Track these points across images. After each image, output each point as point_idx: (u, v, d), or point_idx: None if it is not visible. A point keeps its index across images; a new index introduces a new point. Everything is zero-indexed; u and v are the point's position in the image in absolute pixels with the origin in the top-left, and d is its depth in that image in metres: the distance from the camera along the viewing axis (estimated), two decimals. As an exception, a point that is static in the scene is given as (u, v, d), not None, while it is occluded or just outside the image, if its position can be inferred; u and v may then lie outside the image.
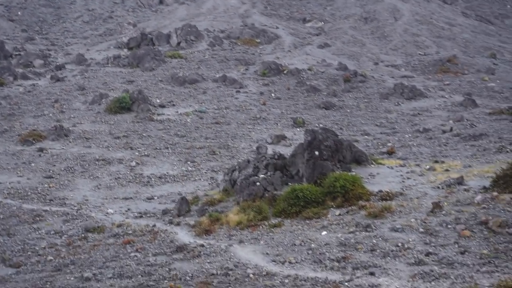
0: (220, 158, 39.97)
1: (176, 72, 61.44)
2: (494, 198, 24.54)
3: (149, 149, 42.14)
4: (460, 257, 19.92)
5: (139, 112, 50.40)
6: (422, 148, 39.43)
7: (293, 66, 62.53)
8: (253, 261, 21.43)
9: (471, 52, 70.75)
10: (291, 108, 53.11)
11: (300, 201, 26.82)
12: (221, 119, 49.64)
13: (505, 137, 38.94)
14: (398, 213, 24.85)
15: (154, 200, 32.82)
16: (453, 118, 47.24)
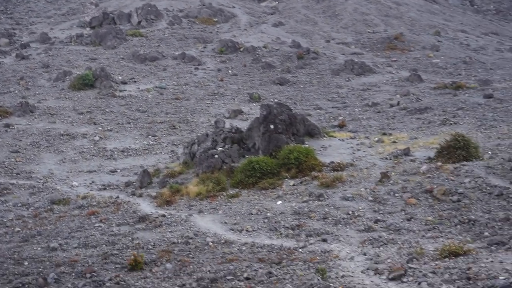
0: (180, 132, 39.80)
1: (137, 50, 60.88)
2: (438, 168, 24.81)
3: (112, 124, 41.79)
4: (406, 223, 20.14)
5: (101, 89, 49.89)
6: (371, 121, 39.63)
7: (249, 44, 62.27)
8: (212, 230, 21.46)
9: (417, 30, 71.01)
10: (247, 84, 52.97)
11: (256, 173, 26.87)
12: (180, 95, 49.35)
13: (449, 110, 39.31)
14: (348, 183, 25.02)
15: (117, 173, 32.64)
16: (400, 93, 47.49)
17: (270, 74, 55.60)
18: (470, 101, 41.93)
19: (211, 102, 47.55)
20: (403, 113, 40.88)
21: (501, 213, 19.72)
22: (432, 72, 55.17)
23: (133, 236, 21.32)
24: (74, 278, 17.02)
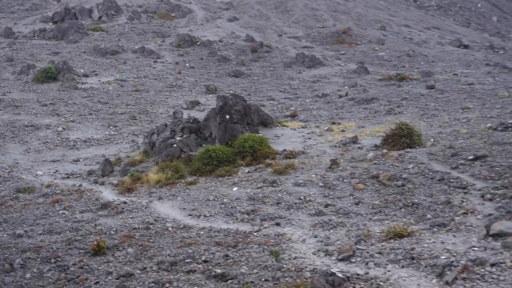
0: (140, 123, 39.59)
1: (98, 44, 60.36)
2: (384, 155, 25.06)
3: (75, 115, 41.41)
4: (355, 207, 20.32)
5: (64, 81, 49.39)
6: (321, 111, 39.80)
7: (205, 38, 62.15)
8: (172, 216, 21.43)
9: (364, 25, 71.46)
10: (204, 77, 52.86)
11: (213, 161, 26.87)
12: (140, 87, 49.07)
13: (393, 101, 39.64)
14: (300, 169, 25.14)
15: (80, 162, 32.36)
16: (348, 84, 47.75)
17: (226, 67, 55.58)
18: (413, 91, 42.30)
19: (169, 94, 47.38)
20: (351, 103, 41.14)
21: (442, 197, 19.99)
22: (378, 65, 55.58)
23: (95, 222, 21.20)
24: (39, 263, 16.89)
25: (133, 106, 43.77)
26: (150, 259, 16.65)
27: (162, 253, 17.15)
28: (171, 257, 16.59)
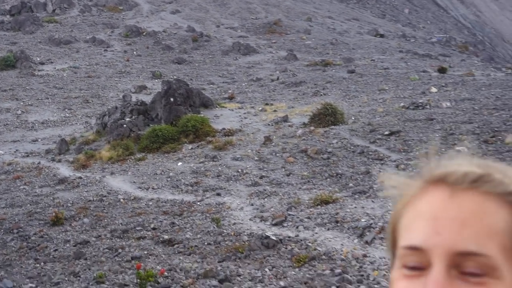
0: (93, 106, 39.03)
1: (52, 34, 59.15)
2: (311, 132, 25.24)
3: (32, 99, 40.60)
4: (286, 178, 20.47)
5: (22, 69, 48.37)
6: (256, 93, 39.85)
7: (150, 29, 61.50)
8: (123, 189, 21.29)
9: (292, 16, 71.61)
10: (150, 63, 52.37)
11: (160, 139, 26.74)
12: (92, 73, 48.37)
13: (319, 84, 39.93)
14: (238, 146, 25.18)
15: (38, 142, 31.77)
16: (279, 69, 47.87)
17: (169, 54, 55.15)
18: (336, 75, 42.69)
19: (119, 79, 46.82)
20: (282, 86, 41.29)
21: (362, 168, 20.29)
22: (305, 52, 55.81)
23: (54, 196, 20.90)
24: (2, 234, 16.58)
25: (86, 90, 43.14)
26: (104, 228, 16.52)
27: (115, 222, 17.03)
28: (123, 226, 16.50)
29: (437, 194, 1.16)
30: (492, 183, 1.13)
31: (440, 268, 1.10)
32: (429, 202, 1.16)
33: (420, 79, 38.40)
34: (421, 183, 1.22)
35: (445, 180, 1.16)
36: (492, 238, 1.09)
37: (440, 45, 64.78)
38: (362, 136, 24.03)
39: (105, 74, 48.38)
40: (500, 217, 1.11)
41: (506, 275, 1.09)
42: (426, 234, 1.13)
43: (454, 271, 1.10)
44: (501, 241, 1.09)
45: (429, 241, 1.12)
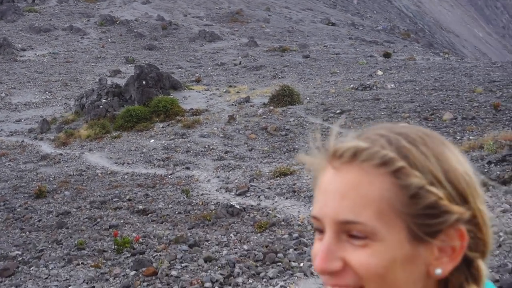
0: (71, 88, 38.51)
1: (33, 23, 58.10)
2: (270, 111, 25.32)
3: (15, 83, 39.91)
4: (248, 153, 20.54)
5: (5, 55, 47.46)
6: (220, 76, 39.76)
7: (123, 18, 60.85)
8: (101, 164, 21.14)
9: (253, 6, 71.39)
10: (124, 50, 51.81)
11: (133, 118, 26.61)
12: (70, 59, 47.71)
13: (277, 67, 40.00)
14: (204, 124, 25.17)
15: (22, 122, 31.29)
16: (241, 55, 47.79)
17: (141, 41, 54.68)
18: (293, 60, 42.78)
19: (95, 64, 46.28)
20: (244, 70, 41.27)
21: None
22: (264, 39, 55.75)
23: (37, 171, 20.67)
24: (-10, 206, 16.37)
25: (64, 74, 42.58)
26: (84, 200, 16.41)
27: (93, 194, 16.93)
28: (101, 197, 16.41)
29: (329, 169, 1.20)
30: (368, 156, 1.15)
31: (329, 234, 1.15)
32: (325, 176, 1.20)
33: (367, 63, 38.71)
34: (322, 158, 1.24)
35: (335, 156, 1.20)
36: (368, 207, 1.12)
37: (385, 33, 65.28)
38: (316, 114, 24.17)
39: (82, 60, 47.83)
40: (375, 186, 1.13)
41: (385, 237, 1.12)
42: (319, 206, 1.18)
43: (344, 235, 1.14)
44: (377, 208, 1.12)
45: (320, 212, 1.17)
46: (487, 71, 31.57)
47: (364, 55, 43.44)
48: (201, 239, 12.15)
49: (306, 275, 9.76)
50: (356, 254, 1.13)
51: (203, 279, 9.85)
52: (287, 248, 11.02)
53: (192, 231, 12.86)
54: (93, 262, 11.48)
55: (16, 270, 11.38)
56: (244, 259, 10.65)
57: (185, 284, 9.82)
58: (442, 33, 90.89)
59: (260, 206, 14.45)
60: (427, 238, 1.14)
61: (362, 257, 1.12)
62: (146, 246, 12.11)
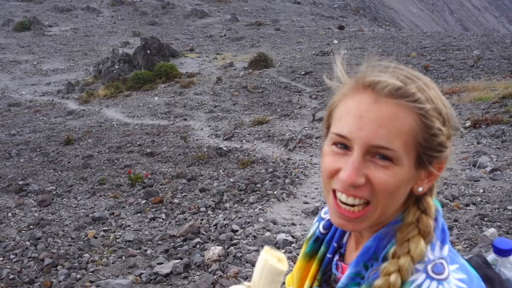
0: (90, 57, 37.80)
1: (57, 4, 56.52)
2: (250, 73, 25.18)
3: (44, 53, 39.10)
4: (233, 107, 20.48)
5: (35, 31, 46.31)
6: (209, 46, 39.21)
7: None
8: (116, 117, 20.97)
9: (234, -11, 70.12)
10: (131, 25, 50.73)
11: (141, 81, 26.32)
12: (88, 33, 46.70)
13: (254, 38, 39.52)
14: (197, 84, 24.98)
15: (51, 85, 30.79)
16: (225, 28, 47.10)
17: (145, 18, 53.55)
18: (267, 32, 42.27)
19: (108, 37, 45.33)
20: (228, 41, 40.71)
21: (286, 98, 20.41)
22: (244, 15, 54.84)
23: (65, 124, 20.46)
24: (29, 152, 16.22)
25: (84, 46, 41.74)
26: (103, 145, 16.32)
27: (111, 141, 16.83)
28: (117, 143, 16.33)
29: (364, 97, 1.15)
30: (405, 95, 1.13)
31: (359, 153, 1.12)
32: (358, 102, 1.15)
33: (325, 34, 38.42)
34: (354, 84, 1.20)
35: (372, 87, 1.15)
36: (399, 137, 1.11)
37: (339, 9, 64.43)
38: (285, 75, 24.09)
39: (98, 34, 46.85)
40: (406, 122, 1.11)
41: (405, 163, 1.12)
42: (352, 128, 1.14)
43: (368, 156, 1.13)
44: (404, 139, 1.11)
45: (353, 134, 1.13)
46: (419, 39, 31.54)
47: (323, 28, 43.06)
48: (196, 174, 12.20)
49: (279, 200, 9.88)
50: (379, 173, 1.12)
51: (199, 205, 9.94)
52: (264, 180, 11.12)
53: (189, 168, 12.91)
54: (112, 194, 11.50)
55: (52, 201, 11.38)
56: (230, 189, 10.74)
57: (185, 209, 9.90)
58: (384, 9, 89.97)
59: (243, 148, 14.50)
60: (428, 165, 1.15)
61: (384, 177, 1.11)
62: (154, 180, 12.15)
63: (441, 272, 1.10)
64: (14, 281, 7.65)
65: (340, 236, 1.34)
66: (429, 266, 1.11)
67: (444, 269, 1.10)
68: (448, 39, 31.64)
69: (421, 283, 1.08)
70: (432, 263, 1.11)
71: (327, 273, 1.33)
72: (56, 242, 8.97)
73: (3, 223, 10.22)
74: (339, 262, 1.30)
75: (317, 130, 15.26)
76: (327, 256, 1.33)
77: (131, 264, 7.75)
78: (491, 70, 21.03)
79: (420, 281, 1.09)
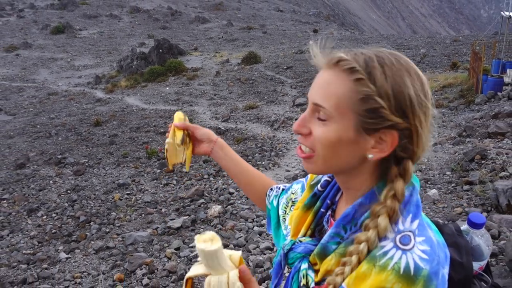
0: (113, 55, 37.21)
1: (85, 11, 55.19)
2: (242, 68, 24.96)
3: (76, 52, 38.41)
4: (229, 95, 20.34)
5: (68, 34, 45.39)
6: (210, 46, 38.71)
7: (145, 7, 58.15)
8: (135, 104, 20.73)
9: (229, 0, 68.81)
10: (146, 29, 49.85)
11: (155, 74, 26.00)
12: (112, 35, 45.85)
13: (246, 40, 39.01)
14: (201, 77, 24.72)
15: (82, 77, 30.35)
16: (223, 31, 46.44)
17: (158, 24, 52.60)
18: (256, 35, 41.77)
19: (128, 39, 44.54)
20: (225, 42, 40.19)
21: (272, 88, 20.31)
22: (237, 21, 54.04)
23: (95, 109, 20.22)
24: (65, 132, 16.07)
25: (109, 46, 41.03)
26: (126, 126, 16.19)
27: (131, 123, 16.69)
28: (136, 125, 16.20)
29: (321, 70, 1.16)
30: (344, 64, 1.10)
31: (308, 110, 1.14)
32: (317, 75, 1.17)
33: (303, 36, 38.08)
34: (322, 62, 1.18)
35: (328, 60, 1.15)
36: (332, 98, 1.09)
37: (314, 16, 63.69)
38: (271, 69, 23.92)
39: (119, 36, 46.02)
40: (340, 86, 1.09)
41: (338, 121, 1.09)
42: (310, 91, 1.16)
43: (316, 113, 1.13)
44: (337, 100, 1.08)
45: (308, 94, 1.16)
46: (378, 41, 31.41)
47: (301, 31, 42.62)
48: (200, 149, 12.17)
49: (266, 169, 9.90)
50: (316, 127, 1.12)
51: (202, 173, 9.94)
52: (254, 153, 11.12)
53: (195, 144, 12.87)
54: (133, 165, 11.45)
55: (85, 171, 11.32)
56: (228, 160, 10.73)
57: (191, 177, 9.90)
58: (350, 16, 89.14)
59: (237, 128, 14.46)
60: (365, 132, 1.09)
61: (320, 130, 1.11)
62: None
63: (407, 243, 1.05)
64: (56, 234, 7.66)
65: (333, 195, 1.31)
66: (398, 236, 1.06)
67: (410, 240, 1.06)
68: (401, 40, 31.51)
69: (387, 251, 1.05)
70: (401, 234, 1.07)
71: (320, 225, 1.32)
72: (89, 204, 8.95)
73: (46, 189, 10.17)
74: (330, 217, 1.29)
75: (296, 113, 15.22)
76: (321, 210, 1.31)
77: (149, 220, 7.77)
78: (434, 65, 21.04)
79: (387, 248, 1.05)
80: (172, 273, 5.57)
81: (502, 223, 5.18)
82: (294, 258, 1.24)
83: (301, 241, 1.27)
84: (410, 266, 1.01)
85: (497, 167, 7.00)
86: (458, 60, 20.95)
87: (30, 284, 5.80)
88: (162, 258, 6.12)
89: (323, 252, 1.16)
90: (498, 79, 13.49)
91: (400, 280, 1.00)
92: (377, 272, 1.03)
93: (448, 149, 9.09)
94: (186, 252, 6.11)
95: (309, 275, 1.19)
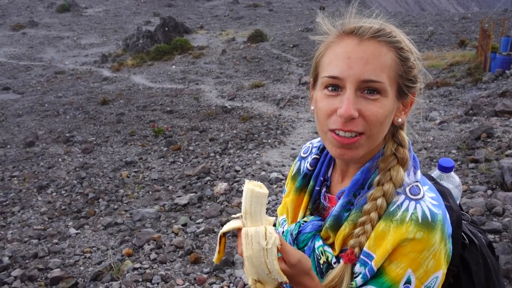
0: (119, 34, 36.95)
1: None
2: (248, 46, 24.72)
3: (82, 30, 38.18)
4: (235, 73, 20.21)
5: (74, 12, 45.07)
6: (216, 24, 38.28)
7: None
8: (142, 82, 20.68)
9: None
10: (151, 7, 49.34)
11: (161, 53, 25.85)
12: (117, 14, 45.48)
13: (252, 18, 38.54)
14: (207, 55, 24.54)
15: (89, 56, 30.24)
16: (228, 9, 45.84)
17: (163, 1, 52.02)
18: (262, 13, 41.20)
19: (134, 17, 44.17)
20: (231, 19, 39.72)
21: (278, 66, 20.13)
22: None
23: (101, 88, 20.20)
24: (73, 110, 16.10)
25: (115, 24, 40.72)
26: (132, 105, 16.19)
27: (138, 101, 16.69)
28: (143, 103, 16.19)
29: (349, 42, 1.10)
30: (384, 35, 1.09)
31: (352, 89, 1.07)
32: (344, 46, 1.10)
33: (309, 13, 37.49)
34: (339, 32, 1.15)
35: (355, 32, 1.10)
36: (384, 71, 1.06)
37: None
38: (277, 48, 23.67)
39: (125, 14, 45.61)
40: (388, 57, 1.08)
41: (390, 94, 1.08)
42: (343, 68, 1.08)
43: (359, 92, 1.07)
44: (388, 72, 1.07)
45: (344, 73, 1.07)
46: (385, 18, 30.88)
47: (307, 8, 41.96)
48: (207, 127, 12.17)
49: (272, 147, 9.91)
50: (369, 105, 1.07)
51: (209, 151, 9.96)
52: (260, 131, 11.11)
53: (201, 123, 12.86)
54: (140, 143, 11.50)
55: (93, 149, 11.39)
56: (234, 138, 10.74)
57: (198, 154, 9.93)
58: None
59: (243, 106, 14.42)
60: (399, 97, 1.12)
61: (375, 108, 1.07)
62: (173, 132, 12.12)
63: (417, 193, 1.08)
64: (65, 211, 7.77)
65: (325, 171, 1.30)
66: (407, 188, 1.09)
67: (419, 190, 1.09)
68: (408, 17, 30.93)
69: (401, 203, 1.07)
70: (409, 186, 1.10)
71: (316, 203, 1.31)
72: (97, 181, 9.04)
73: (55, 166, 10.26)
74: (326, 193, 1.28)
75: (302, 92, 15.12)
76: (315, 189, 1.30)
77: (156, 197, 7.84)
78: (442, 43, 20.68)
79: (400, 201, 1.07)
80: (179, 248, 5.65)
81: (506, 201, 5.17)
82: (306, 239, 1.23)
83: (305, 221, 1.26)
84: (426, 214, 1.04)
85: (503, 145, 6.94)
86: (466, 38, 20.58)
87: (41, 258, 5.92)
88: (169, 233, 6.20)
89: (336, 223, 1.15)
90: (507, 57, 13.25)
91: (421, 228, 1.03)
92: (396, 227, 1.05)
93: (454, 127, 9.01)
94: (193, 228, 6.18)
95: (327, 251, 1.18)
